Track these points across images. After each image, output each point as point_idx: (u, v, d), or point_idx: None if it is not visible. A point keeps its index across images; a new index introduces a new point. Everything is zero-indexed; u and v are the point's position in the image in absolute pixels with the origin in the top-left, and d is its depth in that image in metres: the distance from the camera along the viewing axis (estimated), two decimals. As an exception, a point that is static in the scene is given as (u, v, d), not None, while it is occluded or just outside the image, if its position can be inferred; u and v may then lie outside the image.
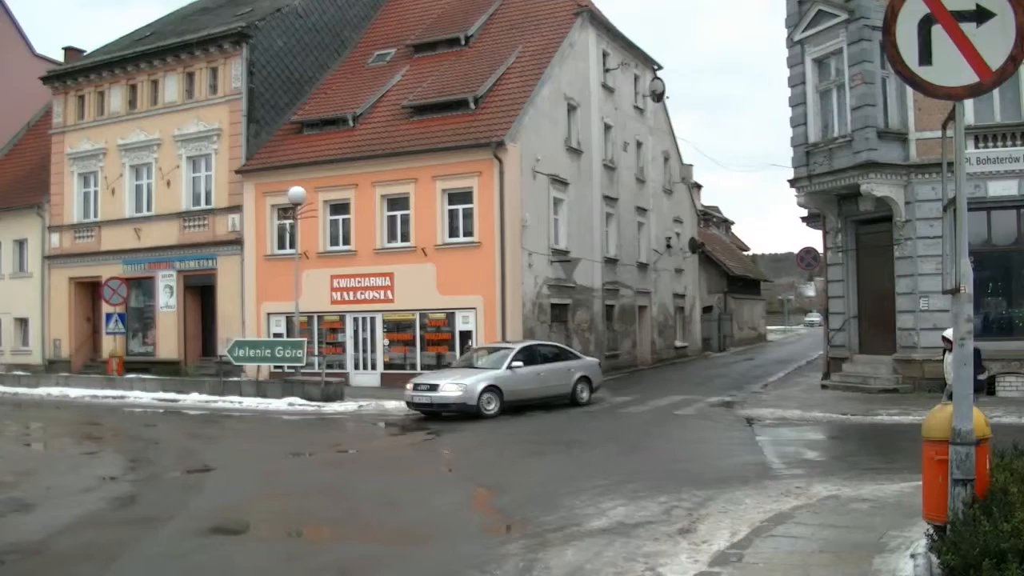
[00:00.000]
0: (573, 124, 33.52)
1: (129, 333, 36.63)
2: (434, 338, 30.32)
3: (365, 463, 17.12)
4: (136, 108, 37.73)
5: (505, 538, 10.25)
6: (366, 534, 10.86)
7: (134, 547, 10.02)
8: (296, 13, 37.42)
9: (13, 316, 41.83)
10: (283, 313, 32.07)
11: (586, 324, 33.93)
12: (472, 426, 21.56)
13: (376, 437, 20.93)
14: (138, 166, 37.62)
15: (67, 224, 39.59)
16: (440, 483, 14.13)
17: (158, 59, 36.85)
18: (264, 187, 33.32)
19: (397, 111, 32.57)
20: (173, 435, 21.03)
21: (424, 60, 35.43)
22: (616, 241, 36.89)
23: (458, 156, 29.59)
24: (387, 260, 30.93)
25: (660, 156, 43.19)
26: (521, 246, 29.13)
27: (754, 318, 66.22)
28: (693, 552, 9.00)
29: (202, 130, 35.50)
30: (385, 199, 31.19)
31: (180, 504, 12.50)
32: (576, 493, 12.24)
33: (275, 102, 35.83)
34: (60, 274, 39.83)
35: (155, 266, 36.56)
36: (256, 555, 9.93)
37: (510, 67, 32.20)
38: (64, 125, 40.04)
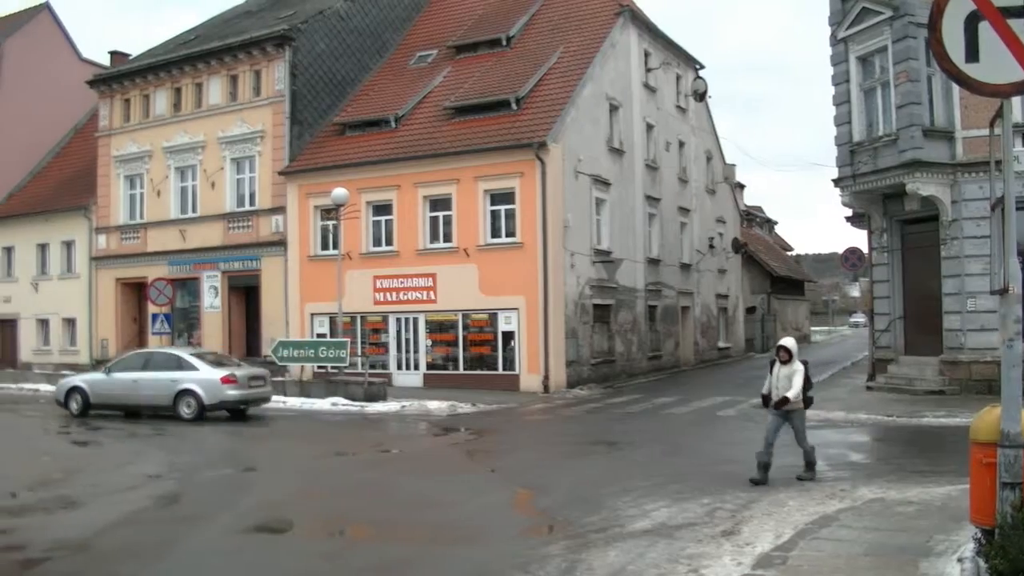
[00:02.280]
0: (615, 124, 33.45)
1: (175, 333, 36.93)
2: (477, 339, 30.34)
3: (407, 463, 17.13)
4: (181, 111, 38.08)
5: (547, 539, 10.23)
6: (408, 534, 10.87)
7: (178, 545, 10.10)
8: (338, 15, 37.60)
9: (61, 316, 42.38)
10: (326, 313, 32.24)
11: (629, 325, 33.86)
12: (515, 427, 21.67)
13: (419, 437, 20.93)
14: (183, 168, 37.97)
15: (114, 226, 40.03)
16: (482, 483, 14.13)
17: (202, 62, 37.17)
18: (307, 188, 33.51)
19: (439, 112, 32.64)
20: (217, 434, 21.16)
21: (466, 61, 35.48)
22: (659, 241, 36.79)
23: (500, 157, 29.60)
24: (429, 261, 31.01)
25: (702, 156, 43.01)
26: (563, 247, 29.12)
27: (798, 319, 65.73)
28: (736, 554, 8.94)
29: (246, 132, 35.76)
30: (427, 200, 31.27)
31: (224, 502, 12.60)
32: (618, 494, 12.21)
33: (318, 104, 36.02)
34: (107, 275, 40.29)
35: (200, 267, 36.88)
36: (299, 554, 9.97)
37: (552, 67, 32.18)
38: (110, 128, 40.49)
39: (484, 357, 30.13)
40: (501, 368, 29.68)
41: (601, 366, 31.48)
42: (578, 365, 29.89)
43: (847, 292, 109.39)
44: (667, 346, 37.68)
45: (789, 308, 62.51)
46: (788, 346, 13.04)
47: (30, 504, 12.95)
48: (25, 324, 44.01)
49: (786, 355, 12.95)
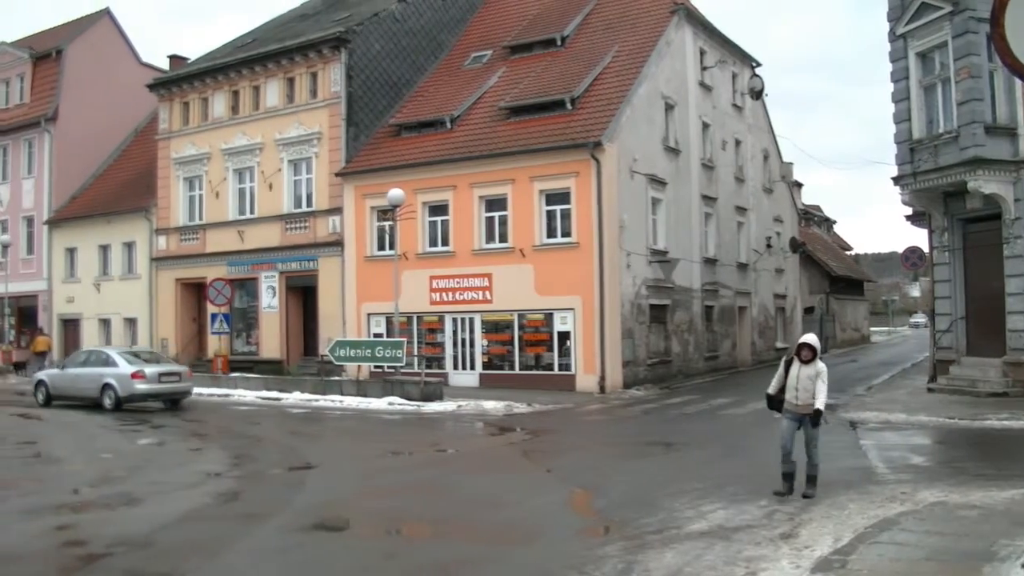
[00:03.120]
0: (671, 123, 33.30)
1: (233, 333, 37.34)
2: (532, 339, 30.33)
3: (464, 462, 17.20)
4: (239, 113, 38.47)
5: (604, 539, 10.21)
6: (464, 533, 10.89)
7: (237, 542, 10.21)
8: (393, 17, 37.79)
9: (122, 316, 42.99)
10: (383, 313, 32.41)
11: (685, 325, 33.70)
12: (571, 427, 21.68)
13: (475, 437, 21.00)
14: (241, 170, 38.36)
15: (173, 227, 40.55)
16: (538, 483, 14.13)
17: (259, 65, 37.52)
18: (363, 189, 33.71)
19: (494, 112, 32.69)
20: (276, 433, 21.35)
21: (520, 61, 35.50)
22: (715, 241, 36.58)
23: (555, 157, 29.57)
24: (485, 261, 31.06)
25: (759, 154, 42.70)
26: (619, 246, 29.03)
27: (857, 319, 65.05)
28: (795, 557, 8.87)
29: (303, 134, 36.05)
30: (483, 200, 31.32)
31: (282, 500, 12.70)
32: (675, 495, 12.16)
33: (374, 105, 36.23)
34: (167, 275, 40.82)
35: (258, 267, 37.24)
36: (356, 552, 10.05)
37: (606, 67, 32.09)
38: (170, 131, 41.01)
39: (540, 357, 30.12)
40: (557, 368, 29.65)
41: (657, 366, 31.36)
42: (634, 365, 29.79)
43: (907, 292, 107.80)
44: (724, 346, 37.45)
45: (848, 308, 61.88)
46: (812, 343, 11.83)
47: (92, 500, 13.17)
48: (88, 324, 44.71)
49: (809, 354, 11.75)
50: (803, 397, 11.67)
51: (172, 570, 9.24)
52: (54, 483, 14.61)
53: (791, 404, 11.82)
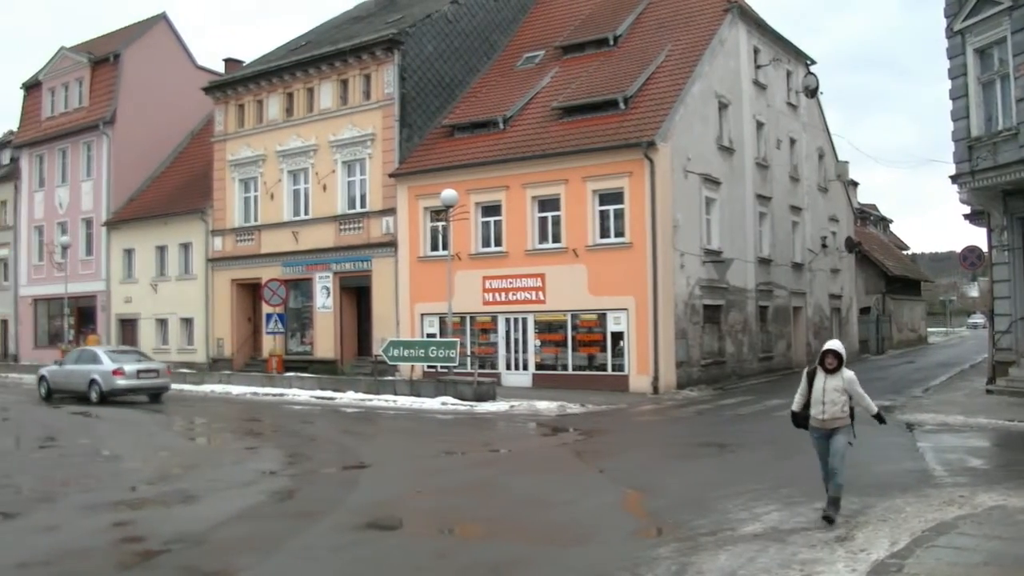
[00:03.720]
0: (724, 122, 33.10)
1: (288, 333, 37.67)
2: (586, 339, 30.27)
3: (516, 462, 17.21)
4: (293, 115, 38.77)
5: (657, 541, 10.15)
6: (517, 533, 10.90)
7: (291, 540, 10.30)
8: (446, 18, 37.91)
9: (179, 316, 43.53)
10: (436, 313, 32.52)
11: (739, 325, 33.48)
12: (624, 428, 21.62)
13: (527, 437, 20.98)
14: (295, 171, 38.65)
15: (229, 228, 40.96)
16: (591, 484, 14.10)
17: (313, 67, 37.79)
18: (417, 190, 33.84)
19: (547, 112, 32.66)
20: (330, 432, 21.50)
21: (573, 61, 35.44)
22: (770, 241, 36.30)
23: (608, 157, 29.49)
24: (538, 261, 31.05)
25: (814, 153, 42.32)
26: (673, 246, 28.90)
27: (914, 320, 64.30)
28: (851, 560, 8.78)
29: (356, 135, 36.25)
30: (536, 200, 31.32)
31: (336, 499, 12.80)
32: (729, 497, 12.08)
33: (426, 106, 36.36)
34: (223, 276, 41.24)
35: (313, 268, 37.50)
36: (409, 551, 10.08)
37: (660, 66, 31.95)
38: (225, 133, 41.43)
39: (593, 357, 30.05)
40: (610, 369, 29.56)
41: (711, 367, 31.17)
42: (688, 366, 29.64)
43: (965, 292, 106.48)
44: (779, 347, 37.15)
45: (905, 308, 61.19)
46: (837, 350, 10.60)
47: (150, 497, 13.35)
48: (145, 324, 45.32)
49: (834, 362, 10.55)
50: (830, 411, 10.50)
51: (227, 567, 9.36)
52: (113, 480, 14.85)
53: (817, 420, 10.63)
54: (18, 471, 16.14)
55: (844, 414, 10.56)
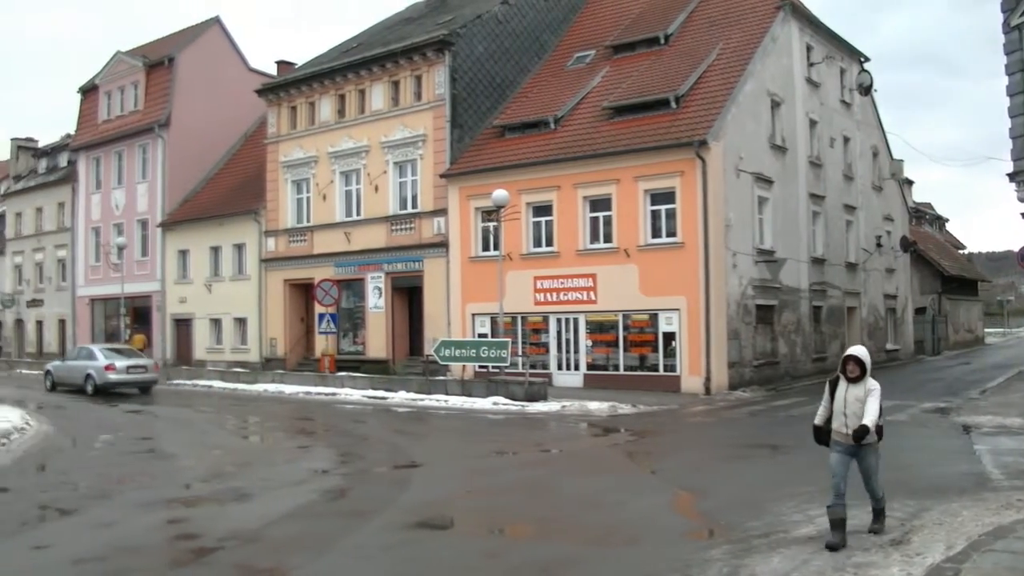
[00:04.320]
0: (777, 121, 32.83)
1: (340, 332, 37.88)
2: (637, 339, 30.17)
3: (567, 463, 17.19)
4: (345, 117, 39.01)
5: (709, 543, 10.08)
6: (568, 534, 10.85)
7: (343, 538, 10.36)
8: (496, 19, 37.94)
9: (233, 316, 43.95)
10: (487, 314, 32.56)
11: (792, 326, 33.19)
12: (676, 428, 21.51)
13: (579, 437, 20.94)
14: (347, 172, 38.89)
15: (282, 229, 41.28)
16: (642, 485, 14.03)
17: (365, 69, 37.99)
18: (468, 190, 33.91)
19: (598, 112, 32.59)
20: (381, 431, 21.60)
21: (624, 60, 35.32)
22: (823, 240, 35.95)
23: (660, 156, 29.36)
24: (590, 261, 30.99)
25: (868, 151, 41.85)
26: (725, 246, 28.71)
27: (971, 320, 63.41)
28: (906, 565, 8.63)
29: (408, 136, 36.39)
30: (587, 200, 31.26)
31: (388, 498, 12.86)
32: (782, 499, 11.95)
33: (477, 107, 36.43)
34: (275, 276, 41.57)
35: (364, 268, 37.69)
36: (460, 550, 10.10)
37: (711, 64, 31.76)
38: (278, 135, 41.77)
39: (645, 358, 29.94)
40: (662, 369, 29.42)
41: (764, 368, 30.93)
42: (740, 367, 29.43)
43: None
44: (832, 348, 36.75)
45: (961, 309, 60.38)
46: (859, 356, 9.57)
47: (203, 495, 13.49)
48: (199, 324, 45.84)
49: (856, 369, 9.53)
50: (853, 425, 9.49)
51: (280, 565, 9.43)
52: (168, 478, 15.04)
53: (839, 434, 9.69)
54: (76, 468, 16.44)
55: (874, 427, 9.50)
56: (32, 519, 12.00)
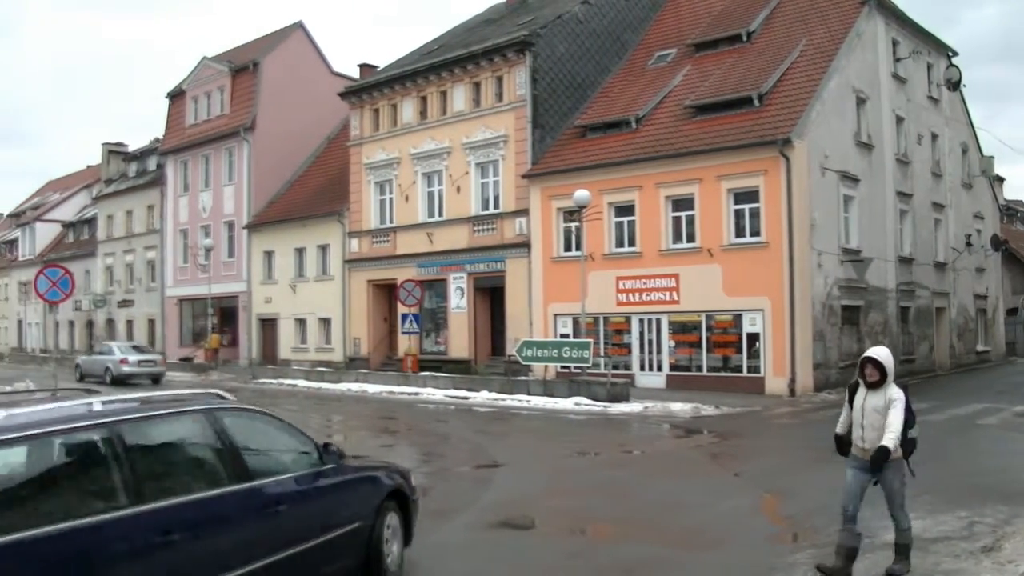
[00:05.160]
0: (862, 118, 32.33)
1: (423, 332, 38.10)
2: (721, 340, 29.95)
3: (650, 464, 17.10)
4: (427, 118, 39.30)
5: (793, 546, 9.99)
6: (650, 535, 10.81)
7: (426, 537, 10.40)
8: (576, 19, 37.91)
9: (317, 316, 44.51)
10: (569, 314, 32.53)
11: (879, 327, 32.65)
12: (760, 430, 21.32)
13: (661, 438, 20.86)
14: (429, 173, 39.16)
15: (365, 230, 41.70)
16: (725, 487, 13.91)
17: (446, 71, 38.23)
18: (549, 191, 33.93)
19: (680, 111, 32.40)
20: (463, 431, 21.71)
21: (705, 59, 35.06)
22: (911, 239, 35.32)
23: (743, 155, 29.10)
24: (672, 261, 30.82)
25: (957, 148, 41.02)
26: (810, 246, 28.34)
27: (1065, 321, 61.77)
28: (997, 572, 8.47)
29: (489, 137, 36.54)
30: (669, 200, 31.10)
31: (470, 497, 12.94)
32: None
33: (558, 107, 36.43)
34: (359, 277, 42.00)
35: (447, 269, 37.91)
36: (542, 550, 10.11)
37: (795, 61, 31.37)
38: (361, 137, 42.20)
39: (728, 359, 29.71)
40: (745, 370, 29.18)
41: (850, 369, 30.34)
42: (825, 368, 29.04)
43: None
44: (920, 349, 36.12)
45: (1055, 309, 58.83)
46: (878, 358, 8.33)
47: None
48: (284, 324, 46.50)
49: (875, 373, 8.30)
50: (870, 438, 8.26)
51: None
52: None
53: (857, 448, 8.49)
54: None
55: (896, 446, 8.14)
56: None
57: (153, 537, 5.70)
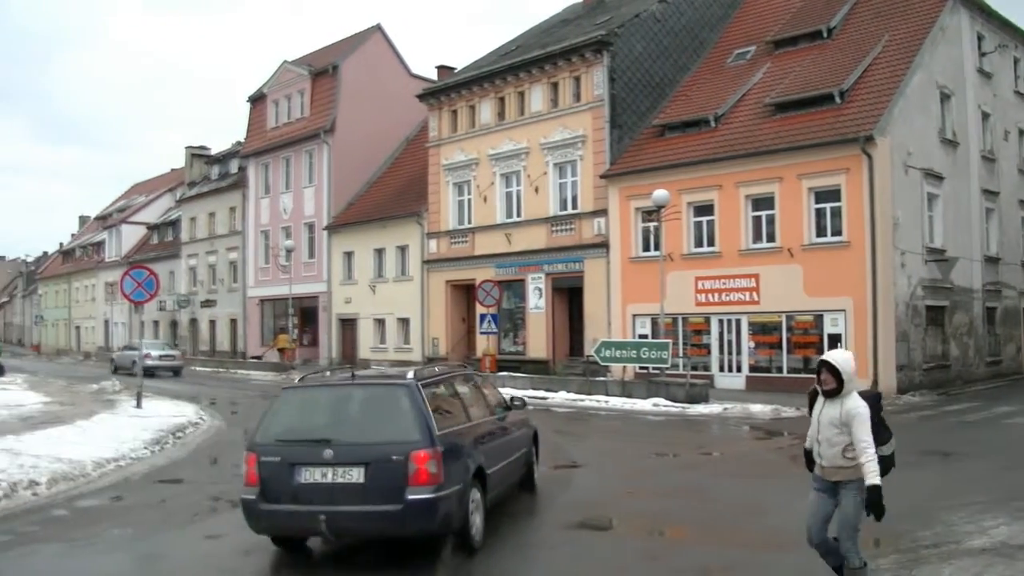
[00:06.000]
0: (947, 114, 31.74)
1: (501, 333, 38.23)
2: (801, 341, 29.60)
3: (729, 466, 16.98)
4: (504, 119, 39.44)
5: (875, 552, 9.79)
6: (728, 538, 10.76)
7: (506, 537, 10.52)
8: (654, 18, 37.76)
9: (396, 316, 44.92)
10: (648, 314, 32.42)
11: (965, 327, 32.03)
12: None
13: (740, 440, 20.71)
14: (507, 174, 39.30)
15: (443, 231, 41.97)
16: (806, 490, 13.68)
17: (524, 71, 38.33)
18: (628, 191, 33.85)
19: (759, 109, 32.11)
20: (542, 431, 21.46)
21: (785, 56, 34.68)
22: (998, 238, 34.59)
23: (824, 153, 28.74)
24: (752, 261, 30.57)
25: (1047, 144, 40.05)
26: (893, 245, 27.90)
27: None
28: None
29: (567, 137, 36.54)
30: (749, 199, 30.84)
31: (548, 498, 12.99)
32: (953, 508, 11.56)
33: (636, 106, 36.32)
34: (437, 277, 42.29)
35: (525, 269, 38.00)
36: (620, 551, 10.12)
37: (876, 57, 30.89)
38: (439, 138, 42.49)
39: (809, 360, 29.23)
40: (827, 371, 28.73)
41: (934, 371, 29.92)
42: (909, 370, 28.55)
43: None
44: (1007, 351, 35.36)
45: None
46: (836, 363, 7.36)
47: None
48: (363, 324, 46.99)
49: (832, 381, 7.36)
50: (827, 455, 7.49)
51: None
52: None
53: (817, 466, 7.76)
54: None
55: (850, 462, 7.33)
56: (205, 510, 12.64)
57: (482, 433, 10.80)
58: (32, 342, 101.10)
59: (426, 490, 8.84)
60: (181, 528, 11.38)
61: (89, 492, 13.56)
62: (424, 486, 8.85)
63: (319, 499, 8.97)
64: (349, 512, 8.98)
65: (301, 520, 9.11)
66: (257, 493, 9.19)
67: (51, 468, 14.06)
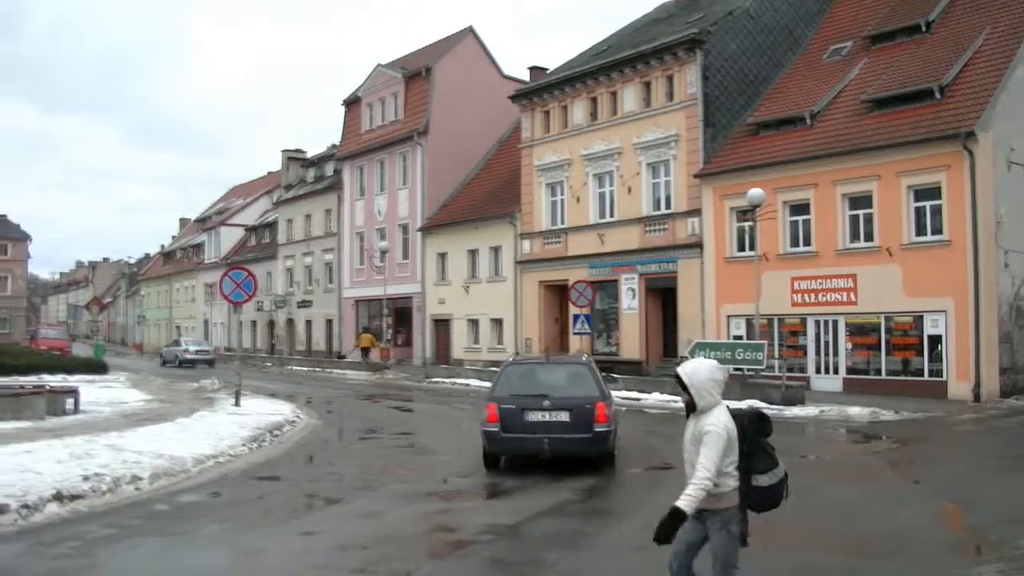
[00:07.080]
0: (1052, 109, 30.85)
1: (594, 333, 38.25)
2: (900, 342, 29.05)
3: (825, 470, 16.74)
4: (597, 119, 39.40)
5: (976, 559, 9.64)
6: (821, 542, 10.58)
7: (597, 537, 10.61)
8: (748, 15, 37.37)
9: (489, 317, 45.18)
10: (743, 315, 32.12)
11: (1072, 327, 31.11)
12: (942, 437, 20.67)
13: (837, 443, 20.47)
14: (600, 174, 39.24)
15: (537, 231, 42.09)
16: (904, 495, 13.52)
17: (616, 71, 38.25)
18: (722, 190, 33.57)
19: (856, 106, 31.57)
20: (634, 432, 21.61)
21: (882, 51, 34.04)
22: (1106, 235, 33.50)
23: (923, 150, 28.16)
24: (849, 261, 30.09)
25: None
26: (996, 244, 27.24)
27: None
28: None
29: (660, 137, 36.36)
30: (846, 198, 30.35)
31: (640, 499, 13.00)
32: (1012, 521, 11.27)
33: (730, 105, 35.98)
34: (531, 278, 42.41)
35: (618, 269, 37.92)
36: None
37: (977, 51, 30.13)
38: (532, 139, 42.61)
39: (908, 362, 28.79)
40: (927, 374, 28.22)
41: (1042, 372, 29.14)
42: (1013, 372, 27.81)
43: None
44: (1117, 350, 34.27)
45: None
46: (681, 375, 6.60)
47: (461, 490, 14.25)
48: (457, 324, 47.35)
49: (686, 395, 6.59)
50: (690, 475, 6.52)
51: (535, 560, 9.69)
52: (426, 472, 15.93)
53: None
54: (341, 460, 17.60)
55: (714, 489, 6.40)
56: (301, 507, 12.91)
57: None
58: (134, 341, 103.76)
59: (604, 426, 14.44)
60: (278, 524, 11.64)
61: (189, 488, 13.91)
62: (603, 423, 14.42)
63: (542, 430, 14.35)
64: (561, 438, 14.37)
65: (529, 444, 14.52)
66: (499, 427, 14.49)
67: (153, 464, 14.42)
